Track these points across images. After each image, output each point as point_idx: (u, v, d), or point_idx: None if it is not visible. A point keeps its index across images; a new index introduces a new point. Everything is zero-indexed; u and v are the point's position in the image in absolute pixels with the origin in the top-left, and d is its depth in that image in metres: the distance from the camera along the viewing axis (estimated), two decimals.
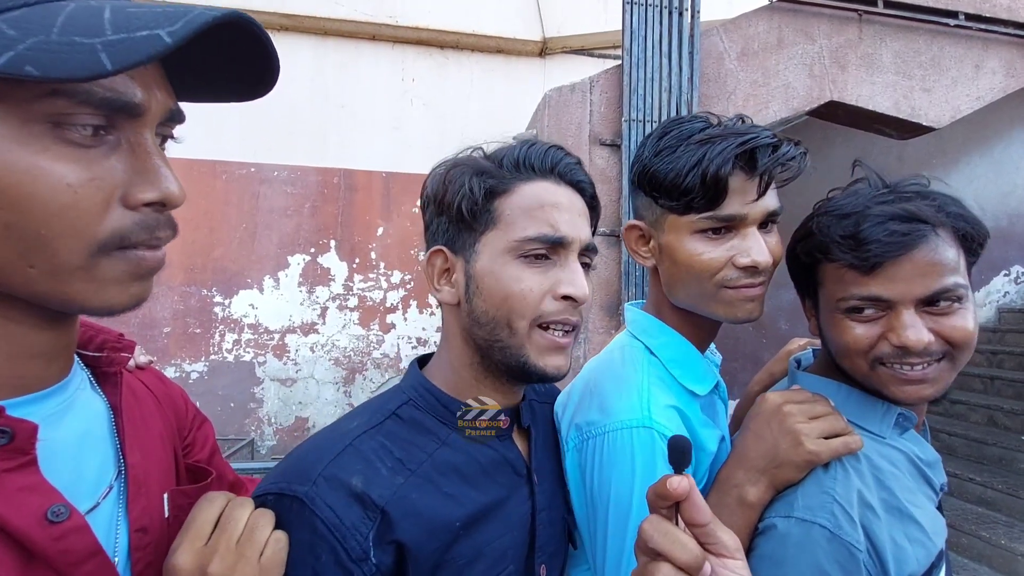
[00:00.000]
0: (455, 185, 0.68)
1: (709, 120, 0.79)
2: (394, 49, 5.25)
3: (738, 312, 0.78)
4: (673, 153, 0.76)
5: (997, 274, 5.48)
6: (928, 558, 0.71)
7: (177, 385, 0.75)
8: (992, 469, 3.71)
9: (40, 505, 0.44)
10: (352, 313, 5.06)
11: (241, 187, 4.89)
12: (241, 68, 0.50)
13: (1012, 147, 5.46)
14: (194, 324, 4.80)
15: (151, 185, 0.44)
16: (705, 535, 0.50)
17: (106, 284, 0.44)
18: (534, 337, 0.67)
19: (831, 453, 0.70)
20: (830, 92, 3.47)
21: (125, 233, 0.43)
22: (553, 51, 5.45)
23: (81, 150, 0.41)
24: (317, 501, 0.58)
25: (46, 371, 0.50)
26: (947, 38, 3.64)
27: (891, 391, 0.73)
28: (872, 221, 0.70)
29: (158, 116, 0.46)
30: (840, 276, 0.73)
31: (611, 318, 3.17)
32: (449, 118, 5.27)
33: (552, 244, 0.66)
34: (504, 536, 0.67)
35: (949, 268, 0.69)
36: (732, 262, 0.75)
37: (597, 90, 3.21)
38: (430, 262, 0.71)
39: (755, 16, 3.42)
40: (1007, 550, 3.03)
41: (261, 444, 4.84)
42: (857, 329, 0.73)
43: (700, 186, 0.73)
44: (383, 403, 0.70)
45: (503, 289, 0.66)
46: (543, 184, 0.69)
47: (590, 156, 3.17)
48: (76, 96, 0.40)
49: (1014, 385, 4.23)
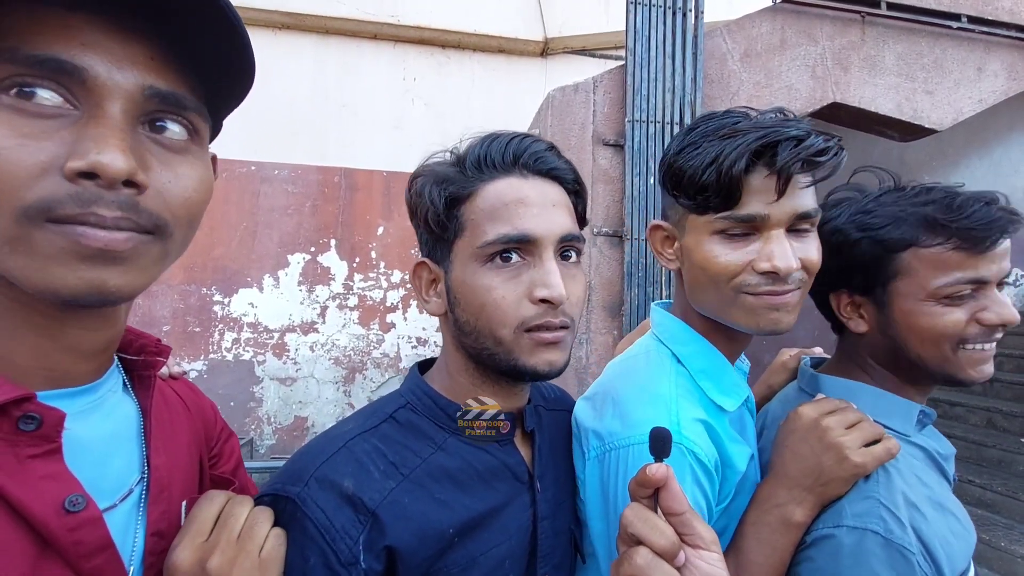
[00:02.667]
0: (421, 197, 0.66)
1: (748, 114, 0.73)
2: (396, 48, 5.24)
3: (760, 321, 0.71)
4: (696, 149, 0.71)
5: None
6: (970, 550, 0.71)
7: (208, 398, 0.75)
8: (991, 471, 3.72)
9: (59, 493, 0.45)
10: (352, 312, 5.05)
11: (241, 186, 4.88)
12: (223, 63, 0.48)
13: (1011, 150, 5.47)
14: (193, 323, 4.78)
15: (81, 153, 0.40)
16: (681, 524, 0.51)
17: (48, 262, 0.41)
18: (521, 341, 0.63)
19: (876, 462, 0.68)
20: (832, 93, 3.47)
21: (53, 202, 0.40)
22: (555, 51, 5.44)
23: (22, 117, 0.40)
24: (308, 502, 0.57)
25: (78, 368, 0.50)
26: (950, 40, 3.65)
27: (968, 373, 0.74)
28: (976, 204, 0.72)
29: (130, 93, 0.43)
30: (942, 260, 0.72)
31: (613, 318, 3.17)
32: (450, 118, 5.26)
33: (518, 243, 0.62)
34: (501, 545, 0.65)
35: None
36: (751, 266, 0.69)
37: (600, 90, 3.21)
38: (416, 274, 0.70)
39: (758, 17, 3.42)
40: (1006, 552, 3.03)
41: (260, 443, 4.82)
42: (954, 313, 0.72)
43: (715, 184, 0.68)
44: (381, 406, 0.69)
45: (478, 299, 0.63)
46: (506, 181, 0.64)
47: (593, 156, 3.16)
48: (5, 55, 0.39)
49: (1013, 387, 4.24)
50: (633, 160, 3.13)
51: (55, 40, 0.40)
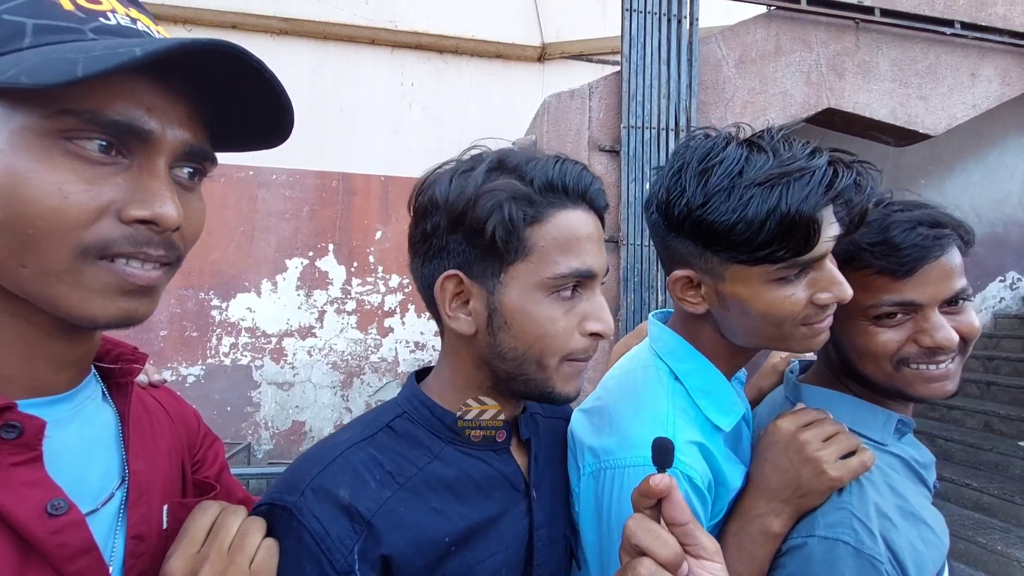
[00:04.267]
0: (486, 208, 0.61)
1: (745, 144, 0.70)
2: (393, 54, 5.26)
3: (812, 344, 0.72)
4: (729, 198, 0.66)
5: (993, 280, 5.51)
6: (941, 558, 0.73)
7: (191, 405, 0.76)
8: (988, 475, 3.73)
9: (41, 499, 0.46)
10: (350, 317, 5.05)
11: (239, 190, 4.89)
12: (259, 113, 0.54)
13: (1007, 154, 5.50)
14: (191, 327, 4.78)
15: (145, 204, 0.46)
16: (684, 535, 0.51)
17: (91, 294, 0.46)
18: (562, 369, 0.65)
19: (852, 475, 0.70)
20: (827, 99, 3.50)
21: (110, 242, 0.45)
22: (552, 56, 5.47)
23: (85, 164, 0.44)
24: (304, 512, 0.58)
25: (58, 376, 0.52)
26: (943, 46, 3.67)
27: (916, 390, 0.74)
28: (900, 228, 0.73)
29: (175, 148, 0.49)
30: (868, 283, 0.74)
31: None
32: (448, 122, 5.28)
33: (584, 278, 0.64)
34: (498, 554, 0.65)
35: (961, 269, 0.74)
36: (813, 301, 0.68)
37: (596, 96, 3.23)
38: (442, 287, 0.64)
39: (753, 24, 3.44)
40: (1003, 555, 3.04)
41: (258, 448, 4.81)
42: (886, 334, 0.74)
43: (782, 237, 0.64)
44: (377, 415, 0.69)
45: (538, 328, 0.62)
46: (576, 213, 0.64)
47: (589, 162, 3.18)
48: (83, 116, 0.43)
49: (1010, 391, 4.25)
50: (629, 165, 3.15)
51: (127, 104, 0.45)
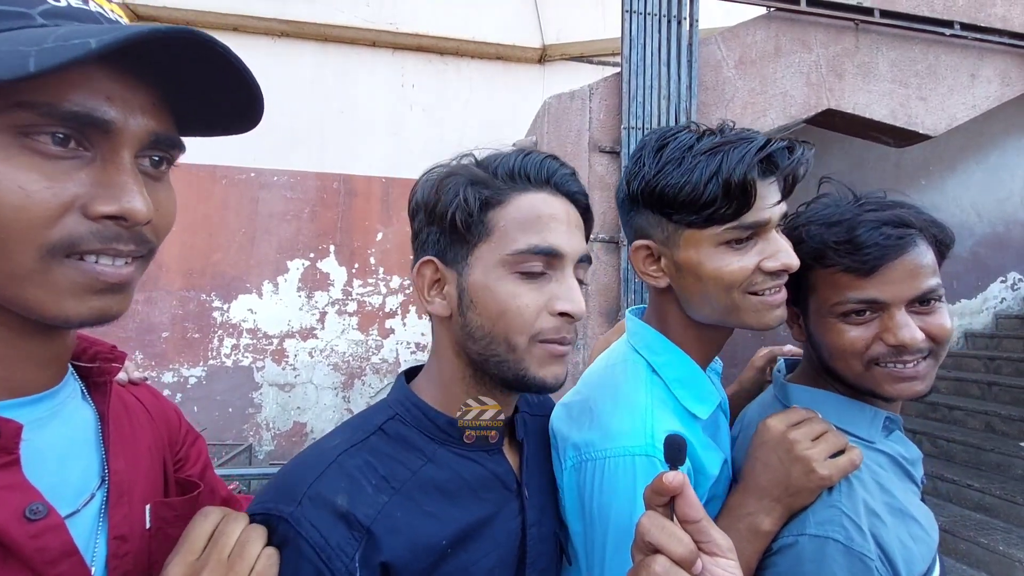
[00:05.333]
0: (449, 194, 0.65)
1: (700, 129, 0.77)
2: (394, 55, 5.28)
3: (766, 319, 0.75)
4: (680, 166, 0.73)
5: (994, 280, 5.51)
6: (931, 553, 0.73)
7: (171, 402, 0.75)
8: (990, 475, 3.72)
9: (19, 503, 0.45)
10: (351, 318, 5.06)
11: (241, 192, 4.90)
12: (229, 98, 0.52)
13: (1007, 154, 5.50)
14: (193, 329, 4.79)
15: (113, 199, 0.45)
16: (698, 532, 0.51)
17: (62, 293, 0.45)
18: (533, 350, 0.65)
19: (841, 474, 0.71)
20: (827, 100, 3.50)
21: (76, 239, 0.44)
22: (552, 58, 5.48)
23: (45, 159, 0.43)
24: (303, 522, 0.57)
25: (35, 377, 0.51)
26: (943, 47, 3.67)
27: (885, 389, 0.75)
28: (866, 227, 0.74)
29: (139, 138, 0.47)
30: (835, 281, 0.76)
31: (610, 324, 3.18)
32: (448, 124, 5.29)
33: (548, 257, 0.64)
34: (491, 554, 0.65)
35: (932, 269, 0.75)
36: (760, 268, 0.73)
37: (596, 97, 3.23)
38: (420, 273, 0.68)
39: (753, 25, 3.45)
40: (1005, 556, 3.03)
41: (259, 449, 4.82)
42: (853, 332, 0.75)
43: (723, 196, 0.70)
44: (368, 418, 0.69)
45: (499, 304, 0.64)
46: (539, 195, 0.66)
47: (589, 163, 3.18)
48: (38, 108, 0.42)
49: (1012, 391, 4.25)
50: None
51: (84, 94, 0.43)
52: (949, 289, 5.33)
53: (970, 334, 5.33)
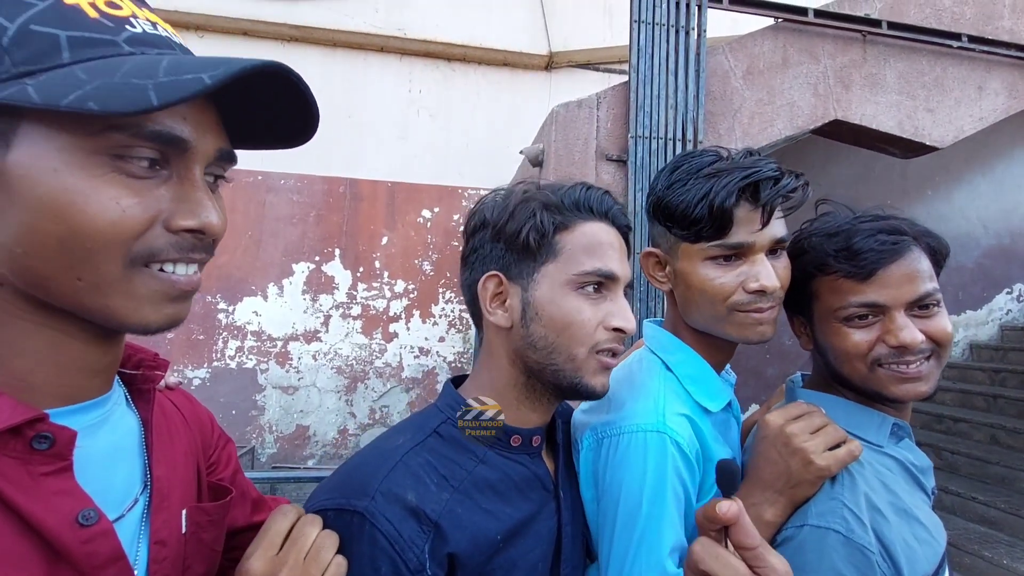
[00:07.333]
0: (522, 216, 0.72)
1: (719, 154, 0.85)
2: (402, 61, 5.30)
3: (749, 334, 0.82)
4: (684, 186, 0.82)
5: (1000, 292, 5.49)
6: (936, 557, 0.75)
7: (205, 407, 0.77)
8: (995, 488, 3.70)
9: (72, 508, 0.47)
10: (355, 322, 5.07)
11: (247, 195, 4.92)
12: (285, 117, 0.55)
13: (1014, 166, 5.50)
14: (197, 330, 4.81)
15: (192, 214, 0.49)
16: (754, 558, 0.51)
17: (142, 302, 0.48)
18: (590, 361, 0.71)
19: (839, 464, 0.74)
20: (834, 111, 3.50)
21: (156, 250, 0.48)
22: (559, 65, 5.50)
23: (135, 179, 0.46)
24: (377, 515, 0.62)
25: (90, 384, 0.53)
26: (950, 59, 3.68)
27: (890, 390, 0.78)
28: (863, 235, 0.79)
29: (208, 155, 0.51)
30: (837, 287, 0.80)
31: None
32: (455, 130, 5.31)
33: (606, 279, 0.72)
34: (535, 549, 0.72)
35: (928, 275, 0.79)
36: (742, 287, 0.80)
37: (604, 106, 3.25)
38: (484, 285, 0.74)
39: (760, 36, 3.46)
40: (1009, 570, 3.01)
41: (262, 452, 4.83)
42: (856, 335, 0.79)
43: (708, 217, 0.79)
44: (424, 421, 0.74)
45: (564, 318, 0.70)
46: (599, 224, 0.74)
47: (596, 171, 3.19)
48: (129, 130, 0.45)
49: (1017, 404, 4.23)
50: (636, 175, 3.16)
51: (165, 115, 0.46)
52: (954, 300, 5.32)
53: (975, 346, 5.31)
